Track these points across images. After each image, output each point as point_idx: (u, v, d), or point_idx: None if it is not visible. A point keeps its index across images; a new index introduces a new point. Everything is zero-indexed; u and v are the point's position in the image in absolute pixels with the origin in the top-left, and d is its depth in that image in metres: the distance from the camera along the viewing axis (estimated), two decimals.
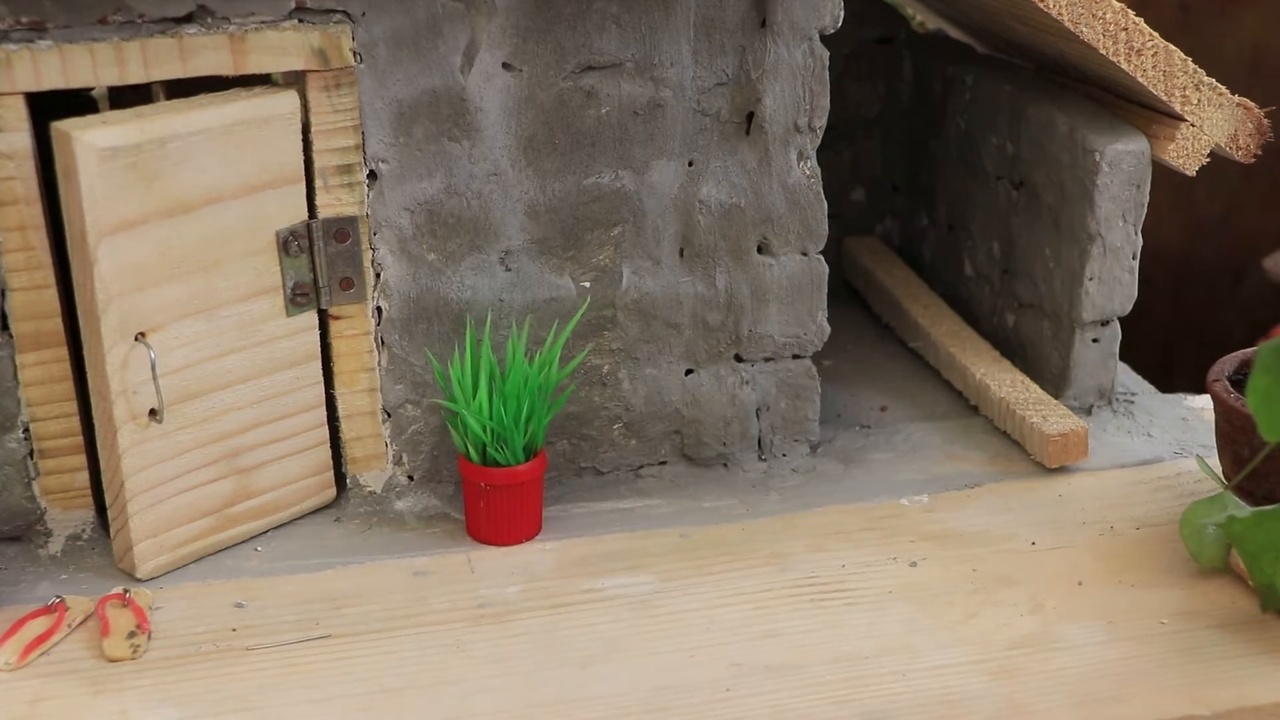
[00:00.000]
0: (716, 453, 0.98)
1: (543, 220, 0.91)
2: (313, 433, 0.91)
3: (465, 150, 0.88)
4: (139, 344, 0.82)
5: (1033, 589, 0.84)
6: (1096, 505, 0.93)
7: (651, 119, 0.90)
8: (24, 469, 0.87)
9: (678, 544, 0.90)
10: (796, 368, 0.98)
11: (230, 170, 0.83)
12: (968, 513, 0.93)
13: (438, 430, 0.93)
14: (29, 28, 0.80)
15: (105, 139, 0.78)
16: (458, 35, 0.86)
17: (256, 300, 0.86)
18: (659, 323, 0.95)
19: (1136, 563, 0.87)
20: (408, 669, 0.78)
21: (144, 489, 0.84)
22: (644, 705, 0.75)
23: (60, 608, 0.82)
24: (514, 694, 0.76)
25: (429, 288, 0.90)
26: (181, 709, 0.75)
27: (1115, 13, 0.92)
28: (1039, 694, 0.75)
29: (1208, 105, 0.96)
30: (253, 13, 0.83)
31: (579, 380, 0.94)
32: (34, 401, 0.86)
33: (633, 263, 0.93)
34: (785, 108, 0.92)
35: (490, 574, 0.86)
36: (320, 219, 0.87)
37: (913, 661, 0.78)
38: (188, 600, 0.84)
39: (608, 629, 0.81)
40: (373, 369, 0.91)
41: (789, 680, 0.76)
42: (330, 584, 0.85)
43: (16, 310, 0.84)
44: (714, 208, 0.93)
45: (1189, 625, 0.81)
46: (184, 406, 0.85)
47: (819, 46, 0.92)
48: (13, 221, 0.82)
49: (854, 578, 0.86)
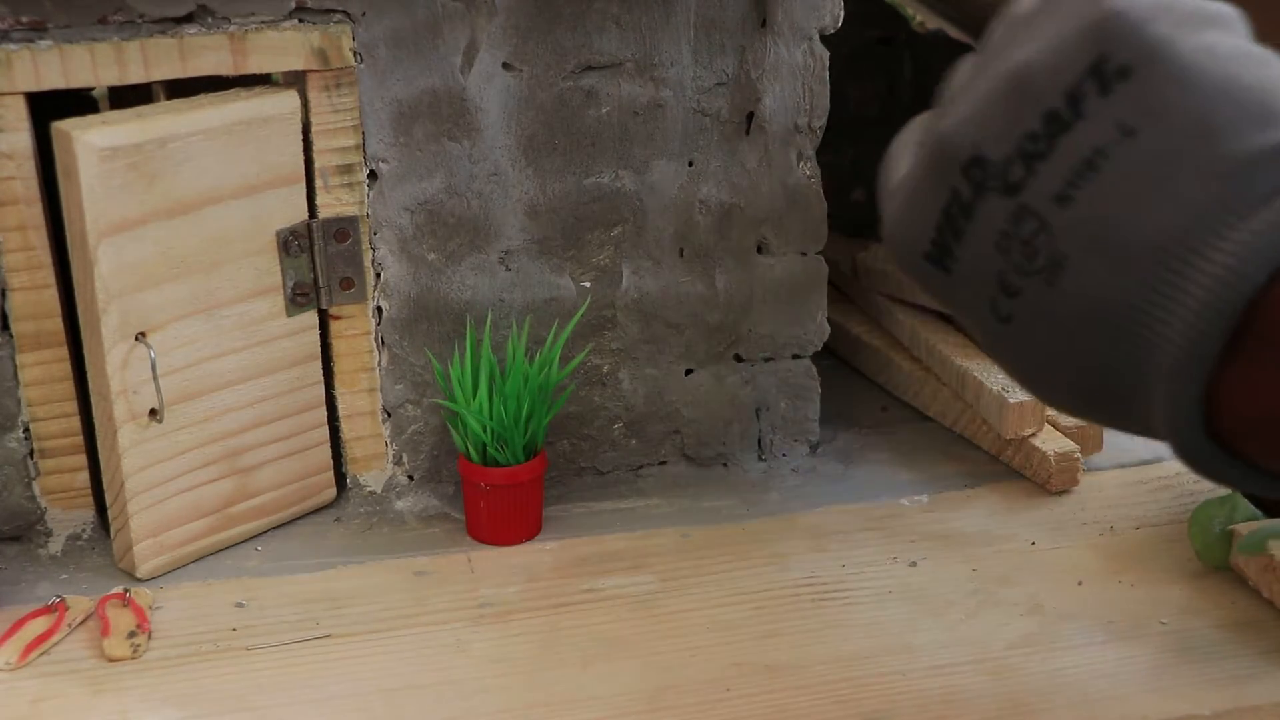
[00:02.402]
0: (716, 453, 0.98)
1: (543, 220, 0.91)
2: (313, 433, 0.91)
3: (465, 150, 0.88)
4: (139, 344, 0.82)
5: (1033, 589, 0.84)
6: (1096, 505, 0.93)
7: (651, 119, 0.91)
8: (24, 469, 0.87)
9: (678, 544, 0.90)
10: (796, 368, 0.98)
11: (230, 170, 0.83)
12: (968, 513, 0.93)
13: (438, 430, 0.93)
14: (29, 28, 0.80)
15: (105, 139, 0.78)
16: (458, 35, 0.86)
17: (257, 300, 0.86)
18: (659, 323, 0.95)
19: (1136, 563, 0.87)
20: (408, 669, 0.78)
21: (144, 489, 0.84)
22: (644, 705, 0.75)
23: (60, 607, 0.82)
24: (514, 694, 0.76)
25: (429, 288, 0.90)
26: (181, 709, 0.75)
27: None
28: (1039, 694, 0.75)
29: None
30: (253, 13, 0.83)
31: (579, 380, 0.94)
32: (34, 401, 0.86)
33: (633, 263, 0.93)
34: (785, 108, 0.92)
35: (490, 574, 0.86)
36: (320, 219, 0.87)
37: (913, 661, 0.78)
38: (188, 600, 0.84)
39: (608, 629, 0.81)
40: (373, 369, 0.91)
41: (789, 680, 0.76)
42: (330, 584, 0.85)
43: (17, 310, 0.84)
44: (714, 208, 0.93)
45: (1189, 625, 0.81)
46: (184, 406, 0.85)
47: (819, 46, 0.92)
48: (13, 221, 0.82)
49: (854, 578, 0.86)
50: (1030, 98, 0.54)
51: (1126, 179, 0.52)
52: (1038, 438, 0.95)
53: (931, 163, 0.58)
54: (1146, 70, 0.52)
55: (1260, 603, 0.82)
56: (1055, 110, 0.54)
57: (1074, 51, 0.54)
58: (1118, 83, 0.53)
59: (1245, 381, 0.51)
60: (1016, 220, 0.54)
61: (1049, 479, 0.94)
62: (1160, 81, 0.52)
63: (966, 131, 0.56)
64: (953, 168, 0.57)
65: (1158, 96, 0.52)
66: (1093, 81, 0.53)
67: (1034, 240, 0.54)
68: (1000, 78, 0.56)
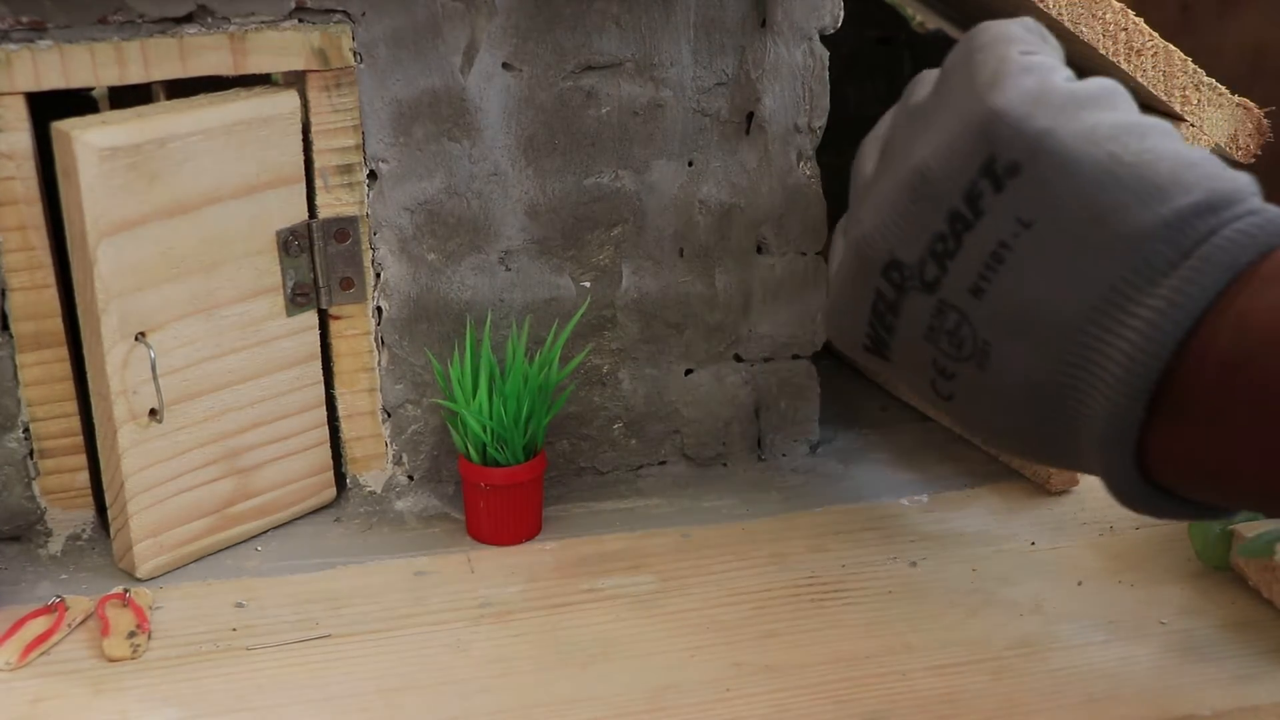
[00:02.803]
0: (716, 453, 0.98)
1: (543, 220, 0.91)
2: (313, 433, 0.91)
3: (465, 150, 0.88)
4: (139, 344, 0.82)
5: (1033, 589, 0.84)
6: (1096, 505, 0.93)
7: (651, 119, 0.91)
8: (24, 469, 0.87)
9: (678, 544, 0.90)
10: (796, 368, 0.98)
11: (230, 170, 0.83)
12: (968, 513, 0.93)
13: (438, 430, 0.93)
14: (29, 27, 0.80)
15: (105, 139, 0.78)
16: (458, 35, 0.86)
17: (257, 300, 0.86)
18: (659, 323, 0.95)
19: (1136, 563, 0.87)
20: (408, 669, 0.78)
21: (144, 488, 0.84)
22: (644, 705, 0.75)
23: (60, 607, 0.82)
24: (514, 694, 0.76)
25: (429, 288, 0.90)
26: (181, 709, 0.75)
27: (1115, 13, 0.92)
28: (1039, 694, 0.75)
29: (1207, 105, 0.96)
30: (253, 13, 0.83)
31: (579, 380, 0.94)
32: (34, 401, 0.86)
33: (633, 262, 0.93)
34: (785, 108, 0.92)
35: (490, 574, 0.86)
36: (320, 219, 0.87)
37: (913, 661, 0.78)
38: (188, 600, 0.84)
39: (608, 629, 0.81)
40: (373, 369, 0.91)
41: (789, 680, 0.76)
42: (330, 584, 0.85)
43: (16, 310, 0.84)
44: (714, 208, 0.93)
45: (1189, 625, 0.81)
46: (184, 406, 0.85)
47: (819, 46, 0.92)
48: (13, 221, 0.82)
49: (854, 578, 0.86)
50: (933, 199, 0.58)
51: (1031, 267, 0.55)
52: None
53: (854, 265, 0.62)
54: (1032, 165, 0.55)
55: (1260, 603, 0.82)
56: (957, 210, 0.57)
57: (967, 152, 0.57)
58: (1009, 179, 0.55)
59: (1170, 445, 0.54)
60: (939, 314, 0.58)
61: (1049, 479, 0.94)
62: (1046, 173, 0.55)
63: (881, 237, 0.60)
64: (874, 270, 0.60)
65: (1047, 188, 0.55)
66: (987, 180, 0.56)
67: (958, 331, 0.58)
68: (903, 179, 0.59)
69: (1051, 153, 0.55)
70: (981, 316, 0.57)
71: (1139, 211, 0.53)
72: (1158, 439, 0.54)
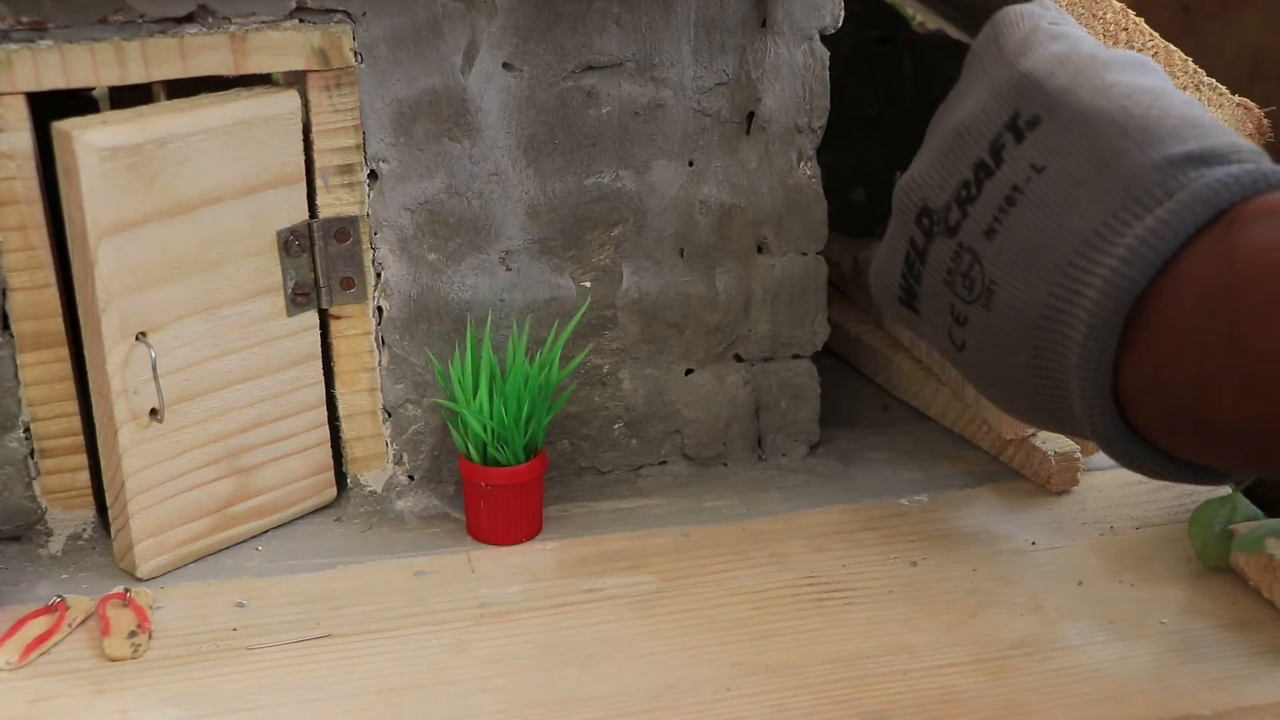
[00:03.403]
0: (716, 453, 0.98)
1: (543, 220, 0.91)
2: (313, 432, 0.91)
3: (466, 150, 0.88)
4: (140, 344, 0.82)
5: (1033, 589, 0.84)
6: (1096, 505, 0.93)
7: (652, 119, 0.91)
8: (24, 469, 0.87)
9: (678, 544, 0.90)
10: (796, 368, 0.98)
11: (231, 170, 0.83)
12: (968, 513, 0.93)
13: (438, 430, 0.93)
14: (30, 27, 0.80)
15: (106, 139, 0.78)
16: (458, 35, 0.86)
17: (257, 300, 0.86)
18: (659, 323, 0.95)
19: (1136, 563, 0.87)
20: (408, 669, 0.78)
21: (144, 488, 0.84)
22: (644, 705, 0.75)
23: (60, 607, 0.82)
24: (514, 694, 0.76)
25: (429, 287, 0.90)
26: (182, 709, 0.75)
27: (1115, 13, 0.92)
28: (1039, 694, 0.75)
29: (1208, 105, 0.96)
30: (253, 13, 0.83)
31: (579, 380, 0.94)
32: (34, 401, 0.86)
33: (633, 263, 0.93)
34: (785, 108, 0.92)
35: (490, 574, 0.86)
36: (321, 219, 0.87)
37: (913, 661, 0.78)
38: (188, 600, 0.84)
39: (608, 629, 0.81)
40: (373, 369, 0.91)
41: (789, 680, 0.76)
42: (330, 584, 0.85)
43: (17, 310, 0.84)
44: (714, 208, 0.93)
45: (1189, 625, 0.81)
46: (184, 406, 0.85)
47: (819, 46, 0.92)
48: (13, 221, 0.82)
49: (854, 578, 0.86)
50: (964, 151, 0.63)
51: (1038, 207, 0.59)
52: (1038, 437, 0.95)
53: (895, 216, 0.66)
54: (1050, 118, 0.60)
55: (1260, 603, 0.82)
56: (982, 159, 0.62)
57: (995, 109, 0.62)
58: (1029, 131, 0.60)
59: (1141, 367, 0.56)
60: (956, 257, 0.62)
61: (1049, 479, 0.94)
62: (1063, 125, 0.59)
63: (915, 186, 0.65)
64: (909, 219, 0.65)
65: (1061, 138, 0.59)
66: (1010, 134, 0.61)
67: (970, 272, 0.61)
68: (941, 138, 0.65)
69: (1069, 106, 0.59)
70: (991, 256, 0.60)
71: (1136, 155, 0.56)
72: (1129, 366, 0.56)
